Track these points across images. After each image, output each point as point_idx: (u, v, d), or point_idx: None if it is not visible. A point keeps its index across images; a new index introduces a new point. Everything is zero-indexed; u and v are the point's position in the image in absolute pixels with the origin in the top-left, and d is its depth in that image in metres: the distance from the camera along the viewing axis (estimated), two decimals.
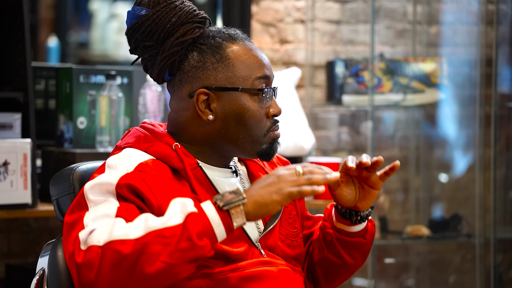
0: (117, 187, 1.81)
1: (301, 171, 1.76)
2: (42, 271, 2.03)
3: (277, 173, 1.77)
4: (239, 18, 4.19)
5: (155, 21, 1.94)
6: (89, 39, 6.52)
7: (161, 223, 1.71)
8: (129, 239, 1.69)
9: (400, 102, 4.18)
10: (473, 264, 4.46)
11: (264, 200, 1.74)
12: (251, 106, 1.94)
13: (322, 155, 4.34)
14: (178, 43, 1.93)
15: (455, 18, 4.71)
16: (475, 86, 4.38)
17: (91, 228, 1.74)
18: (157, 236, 1.69)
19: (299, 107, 3.94)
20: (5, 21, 3.35)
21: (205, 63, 1.93)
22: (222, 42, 1.95)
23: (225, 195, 1.74)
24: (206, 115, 1.93)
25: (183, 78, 1.95)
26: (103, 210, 1.78)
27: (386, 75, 4.16)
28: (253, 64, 1.95)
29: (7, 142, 3.16)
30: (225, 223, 1.72)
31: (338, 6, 4.46)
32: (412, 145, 4.67)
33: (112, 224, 1.73)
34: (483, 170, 4.39)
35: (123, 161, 1.88)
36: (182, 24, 1.94)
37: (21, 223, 3.63)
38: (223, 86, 1.93)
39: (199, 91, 1.93)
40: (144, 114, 3.47)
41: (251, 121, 1.94)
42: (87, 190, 1.83)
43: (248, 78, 1.94)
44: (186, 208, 1.72)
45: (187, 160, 1.92)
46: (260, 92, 1.94)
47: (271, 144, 1.98)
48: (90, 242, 1.71)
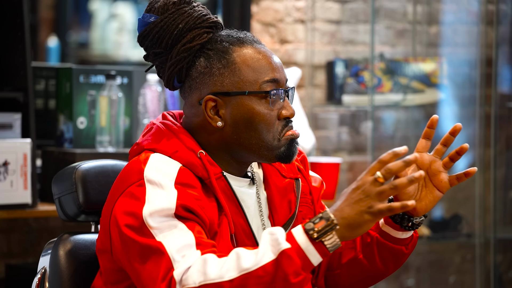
0: (176, 211, 1.78)
1: (381, 175, 1.69)
2: (43, 270, 2.03)
3: (361, 187, 1.70)
4: (239, 18, 4.19)
5: (163, 28, 1.91)
6: (89, 39, 6.52)
7: (254, 263, 1.69)
8: (224, 281, 1.69)
9: (400, 102, 4.18)
10: (473, 264, 4.46)
11: (357, 222, 1.69)
12: (260, 109, 1.90)
13: (322, 155, 4.34)
14: (184, 49, 1.91)
15: (455, 18, 4.71)
16: (475, 86, 4.38)
17: (184, 267, 1.72)
18: (252, 278, 1.68)
19: (299, 107, 3.94)
20: (5, 21, 3.35)
21: (212, 69, 1.91)
22: (229, 46, 1.92)
23: (316, 222, 1.70)
24: (215, 122, 1.90)
25: (192, 85, 1.93)
26: (182, 240, 1.75)
27: (386, 75, 4.16)
28: (260, 68, 1.92)
29: (7, 142, 3.16)
30: (320, 252, 1.70)
31: (338, 6, 4.46)
32: (412, 145, 4.66)
33: (204, 263, 1.71)
34: (483, 170, 4.39)
35: (161, 174, 1.83)
36: (190, 30, 1.92)
37: (21, 223, 3.63)
38: (231, 91, 1.90)
39: (207, 97, 1.90)
40: (144, 114, 3.47)
41: (262, 125, 1.90)
42: (146, 217, 1.78)
43: (255, 82, 1.91)
44: (279, 244, 1.70)
45: (211, 169, 1.88)
46: (268, 94, 1.91)
47: (289, 146, 1.92)
48: (186, 284, 1.70)
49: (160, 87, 3.50)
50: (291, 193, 2.00)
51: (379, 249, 1.99)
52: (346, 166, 4.47)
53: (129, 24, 6.41)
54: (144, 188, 1.82)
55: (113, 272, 1.89)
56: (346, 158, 4.47)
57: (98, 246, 1.91)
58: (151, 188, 1.82)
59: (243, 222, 1.90)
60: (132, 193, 1.82)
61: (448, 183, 1.92)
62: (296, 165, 2.05)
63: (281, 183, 2.00)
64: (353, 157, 4.52)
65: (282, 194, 1.99)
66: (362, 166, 4.48)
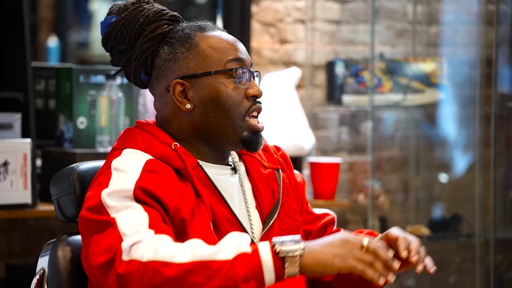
0: (134, 193, 1.80)
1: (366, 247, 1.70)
2: (42, 271, 2.03)
3: (345, 238, 1.71)
4: (239, 18, 4.19)
5: (124, 25, 1.96)
6: (89, 39, 6.52)
7: (210, 253, 1.69)
8: (173, 262, 1.68)
9: (400, 102, 4.17)
10: (473, 264, 4.46)
11: (325, 259, 1.69)
12: (226, 88, 1.93)
13: (322, 155, 4.34)
14: (147, 40, 1.95)
15: (455, 18, 4.71)
16: (475, 86, 4.38)
17: (134, 239, 1.72)
18: (202, 267, 1.67)
19: (299, 107, 3.94)
20: (5, 21, 3.35)
21: (176, 54, 1.95)
22: (191, 32, 1.96)
23: (286, 241, 1.70)
24: (184, 105, 1.93)
25: (158, 74, 1.97)
26: (135, 218, 1.77)
27: (386, 75, 4.16)
28: (223, 48, 1.95)
29: (7, 142, 3.16)
30: (276, 270, 1.69)
31: (338, 6, 4.46)
32: (412, 145, 4.67)
33: (158, 242, 1.71)
34: (483, 170, 4.39)
35: (129, 162, 1.87)
36: (150, 23, 1.97)
37: (21, 223, 3.63)
38: (196, 73, 1.93)
39: (174, 81, 1.94)
40: (144, 114, 3.47)
41: (229, 103, 1.93)
42: (104, 197, 1.81)
43: (220, 61, 1.94)
44: (240, 246, 1.69)
45: (187, 160, 1.91)
46: (233, 71, 1.94)
47: (252, 134, 1.95)
48: (134, 255, 1.70)
49: None
50: (274, 182, 2.03)
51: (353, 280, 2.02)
52: (346, 166, 4.47)
53: None
54: (110, 176, 1.85)
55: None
56: (346, 158, 4.47)
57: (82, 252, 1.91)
58: (115, 174, 1.85)
59: (224, 210, 1.92)
60: (99, 181, 1.86)
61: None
62: (275, 157, 2.08)
63: (263, 174, 2.02)
64: (353, 157, 4.52)
65: (265, 183, 2.01)
66: (362, 166, 4.48)
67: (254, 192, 2.01)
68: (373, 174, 4.10)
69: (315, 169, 3.76)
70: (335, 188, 3.77)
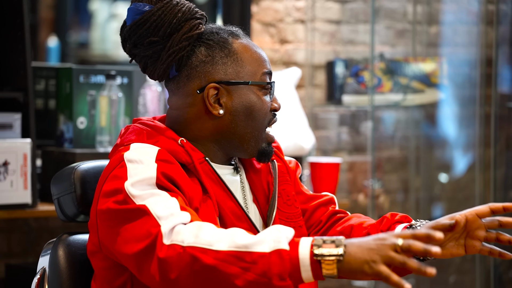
0: (157, 180, 1.80)
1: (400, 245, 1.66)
2: (43, 270, 2.03)
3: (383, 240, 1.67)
4: (239, 18, 4.19)
5: (161, 17, 1.93)
6: (89, 39, 6.52)
7: (248, 244, 1.67)
8: (211, 249, 1.67)
9: (400, 102, 4.18)
10: (473, 264, 4.46)
11: (355, 266, 1.65)
12: (260, 100, 1.95)
13: (322, 155, 4.34)
14: (186, 38, 1.93)
15: (455, 18, 4.71)
16: (475, 86, 4.38)
17: (173, 222, 1.71)
18: (238, 258, 1.66)
19: (299, 107, 3.94)
20: (5, 21, 3.35)
21: (214, 58, 1.94)
22: (228, 37, 1.96)
23: (326, 241, 1.67)
24: (216, 110, 1.93)
25: (191, 74, 1.94)
26: (166, 203, 1.76)
27: (386, 75, 4.16)
28: (258, 59, 1.97)
29: (7, 142, 3.16)
30: (314, 270, 1.66)
31: (338, 6, 4.46)
32: (412, 145, 4.67)
33: (198, 228, 1.71)
34: (483, 170, 4.39)
35: (142, 153, 1.86)
36: (187, 20, 1.94)
37: (21, 223, 3.63)
38: (234, 81, 1.93)
39: (210, 85, 1.92)
40: (144, 114, 3.47)
41: (260, 115, 1.95)
42: (128, 187, 1.79)
43: (256, 73, 1.96)
44: (279, 242, 1.67)
45: (194, 155, 1.91)
46: (269, 86, 1.97)
47: (268, 146, 1.99)
48: (175, 239, 1.69)
49: (160, 87, 3.50)
50: (268, 175, 2.03)
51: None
52: (346, 166, 4.47)
53: None
54: (125, 168, 1.83)
55: (107, 270, 1.89)
56: (346, 158, 4.47)
57: (89, 249, 1.91)
58: (131, 165, 1.83)
59: (232, 204, 1.92)
60: (114, 175, 1.84)
61: (477, 250, 1.92)
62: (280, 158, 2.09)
63: (258, 167, 2.03)
64: (353, 157, 4.52)
65: (259, 176, 2.02)
66: (362, 166, 4.48)
67: (251, 186, 2.01)
68: (373, 174, 4.10)
69: (315, 169, 3.76)
70: (335, 188, 3.77)
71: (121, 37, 1.99)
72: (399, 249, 1.66)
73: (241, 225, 1.91)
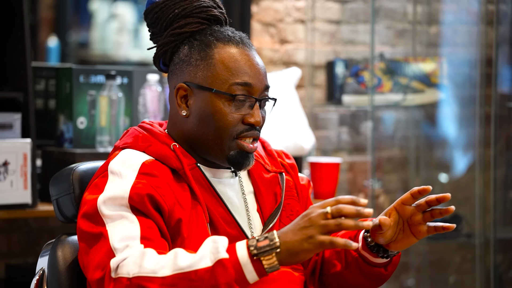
0: (129, 200, 1.81)
1: (330, 211, 1.69)
2: (41, 271, 2.03)
3: (309, 215, 1.70)
4: (239, 18, 4.19)
5: (162, 10, 1.96)
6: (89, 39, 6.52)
7: (190, 264, 1.70)
8: (157, 277, 1.70)
9: (400, 102, 4.18)
10: (473, 264, 4.46)
11: (295, 249, 1.70)
12: (222, 109, 1.92)
13: (322, 155, 4.34)
14: (172, 34, 1.96)
15: (455, 18, 4.71)
16: (475, 86, 4.38)
17: (121, 257, 1.74)
18: (185, 279, 1.69)
19: (299, 107, 3.94)
20: (5, 21, 3.35)
21: (190, 59, 1.95)
22: (213, 41, 1.95)
23: (259, 240, 1.71)
24: (181, 110, 1.95)
25: (173, 70, 1.98)
26: (127, 231, 1.78)
27: (386, 75, 4.16)
28: (235, 69, 1.93)
29: (7, 142, 3.16)
30: (257, 269, 1.70)
31: (338, 6, 4.46)
32: (412, 145, 4.67)
33: (142, 256, 1.73)
34: (483, 170, 4.39)
35: (125, 165, 1.88)
36: (184, 17, 1.96)
37: (21, 223, 3.63)
38: (200, 85, 1.93)
39: (179, 85, 1.95)
40: (144, 114, 3.47)
41: (220, 123, 1.92)
42: (100, 205, 1.82)
43: (225, 82, 1.92)
44: (218, 253, 1.71)
45: (185, 161, 1.91)
46: (233, 98, 1.92)
47: (238, 154, 1.93)
48: (120, 272, 1.73)
49: (160, 87, 3.50)
50: (277, 186, 2.03)
51: (361, 269, 2.01)
52: (346, 166, 4.47)
53: (129, 24, 6.40)
54: (106, 179, 1.86)
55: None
56: (346, 158, 4.47)
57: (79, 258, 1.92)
58: (111, 177, 1.86)
59: (222, 210, 1.92)
60: (96, 184, 1.88)
61: (425, 233, 1.92)
62: (279, 161, 2.08)
63: (266, 177, 2.02)
64: (353, 157, 4.52)
65: (267, 186, 2.01)
66: (362, 166, 4.48)
67: (256, 195, 2.00)
68: (373, 174, 4.10)
69: (315, 169, 3.75)
70: (335, 188, 3.77)
71: None
72: (329, 215, 1.69)
73: (231, 231, 1.91)
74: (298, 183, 2.10)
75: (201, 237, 1.85)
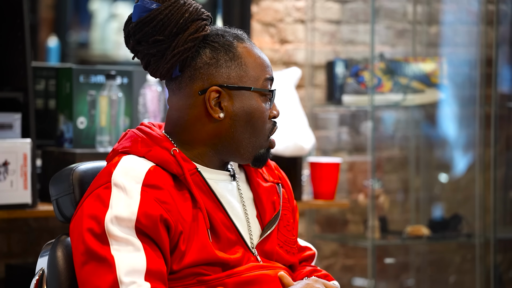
0: (136, 222, 1.80)
1: None
2: (41, 271, 2.03)
3: None
4: (239, 18, 4.19)
5: (168, 16, 1.91)
6: (89, 39, 6.52)
7: None
8: None
9: (400, 102, 4.18)
10: (473, 264, 4.46)
11: None
12: (260, 106, 1.94)
13: (322, 155, 4.34)
14: (192, 39, 1.92)
15: (455, 18, 4.71)
16: (475, 86, 4.38)
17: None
18: None
19: (299, 107, 3.94)
20: (5, 21, 3.35)
21: (219, 61, 1.93)
22: (233, 41, 1.95)
23: None
24: (216, 113, 1.92)
25: (194, 75, 1.93)
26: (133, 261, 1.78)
27: (386, 75, 4.16)
28: (262, 65, 1.96)
29: (7, 142, 3.16)
30: None
31: (338, 6, 4.46)
32: (412, 145, 4.67)
33: None
34: (483, 170, 4.39)
35: (128, 177, 1.85)
36: (194, 20, 1.93)
37: (21, 223, 3.63)
38: (236, 85, 1.92)
39: (212, 88, 1.91)
40: (144, 114, 3.47)
41: (259, 122, 1.94)
42: (107, 224, 1.81)
43: (259, 79, 1.95)
44: None
45: (185, 166, 1.90)
46: (269, 93, 1.96)
47: (267, 150, 1.98)
48: None
49: (160, 87, 3.50)
50: (275, 195, 2.03)
51: None
52: (346, 166, 4.47)
53: None
54: (110, 191, 1.84)
55: None
56: (346, 158, 4.47)
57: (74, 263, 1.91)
58: (116, 192, 1.84)
59: (222, 216, 1.92)
60: (98, 194, 1.85)
61: None
62: (276, 173, 2.09)
63: (265, 185, 2.02)
64: (353, 157, 4.52)
65: (266, 194, 2.01)
66: (362, 166, 4.48)
67: (255, 201, 2.00)
68: (373, 174, 4.11)
69: (315, 169, 3.76)
70: (335, 188, 3.78)
71: (124, 33, 1.98)
72: None
73: (231, 236, 1.91)
74: (292, 200, 2.11)
75: (200, 245, 1.85)
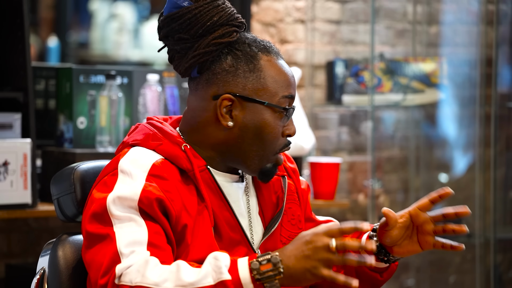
0: (139, 202, 1.80)
1: (334, 246, 1.71)
2: (42, 271, 2.03)
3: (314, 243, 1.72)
4: None
5: (196, 16, 1.89)
6: (89, 39, 6.52)
7: (193, 281, 1.71)
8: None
9: (400, 102, 4.18)
10: (473, 264, 4.46)
11: (298, 277, 1.72)
12: (272, 122, 1.91)
13: (322, 155, 4.34)
14: (215, 43, 1.90)
15: (455, 18, 4.71)
16: (475, 86, 4.38)
17: (126, 264, 1.74)
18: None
19: (299, 107, 3.94)
20: (5, 21, 3.35)
21: (237, 70, 1.90)
22: (258, 52, 1.92)
23: (262, 263, 1.72)
24: (226, 121, 1.90)
25: (211, 79, 1.91)
26: (134, 235, 1.78)
27: (386, 75, 4.16)
28: (282, 82, 1.92)
29: (7, 142, 3.16)
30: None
31: (338, 6, 4.46)
32: (412, 145, 4.67)
33: (145, 265, 1.73)
34: (483, 170, 4.39)
35: (135, 165, 1.85)
36: (222, 25, 1.90)
37: (21, 223, 3.63)
38: (250, 97, 1.90)
39: (225, 96, 1.90)
40: (144, 114, 3.47)
41: (269, 137, 1.91)
42: (109, 204, 1.81)
43: (275, 95, 1.91)
44: (221, 273, 1.71)
45: (195, 162, 1.89)
46: (284, 111, 1.92)
47: (274, 166, 1.95)
48: (123, 280, 1.73)
49: (160, 87, 3.50)
50: (279, 190, 2.02)
51: (357, 269, 2.02)
52: (346, 166, 4.47)
53: (129, 24, 6.41)
54: (116, 177, 1.85)
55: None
56: (346, 158, 4.47)
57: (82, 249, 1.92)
58: (121, 176, 1.85)
59: (227, 214, 1.91)
60: (105, 181, 1.86)
61: (431, 245, 1.94)
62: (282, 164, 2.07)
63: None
64: (353, 157, 4.52)
65: (270, 190, 2.00)
66: (362, 166, 4.48)
67: (259, 198, 1.99)
68: (373, 174, 4.11)
69: (315, 169, 3.76)
70: (335, 188, 3.78)
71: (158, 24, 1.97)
72: (333, 249, 1.71)
73: (234, 235, 1.91)
74: (299, 187, 2.09)
75: (205, 242, 1.85)
